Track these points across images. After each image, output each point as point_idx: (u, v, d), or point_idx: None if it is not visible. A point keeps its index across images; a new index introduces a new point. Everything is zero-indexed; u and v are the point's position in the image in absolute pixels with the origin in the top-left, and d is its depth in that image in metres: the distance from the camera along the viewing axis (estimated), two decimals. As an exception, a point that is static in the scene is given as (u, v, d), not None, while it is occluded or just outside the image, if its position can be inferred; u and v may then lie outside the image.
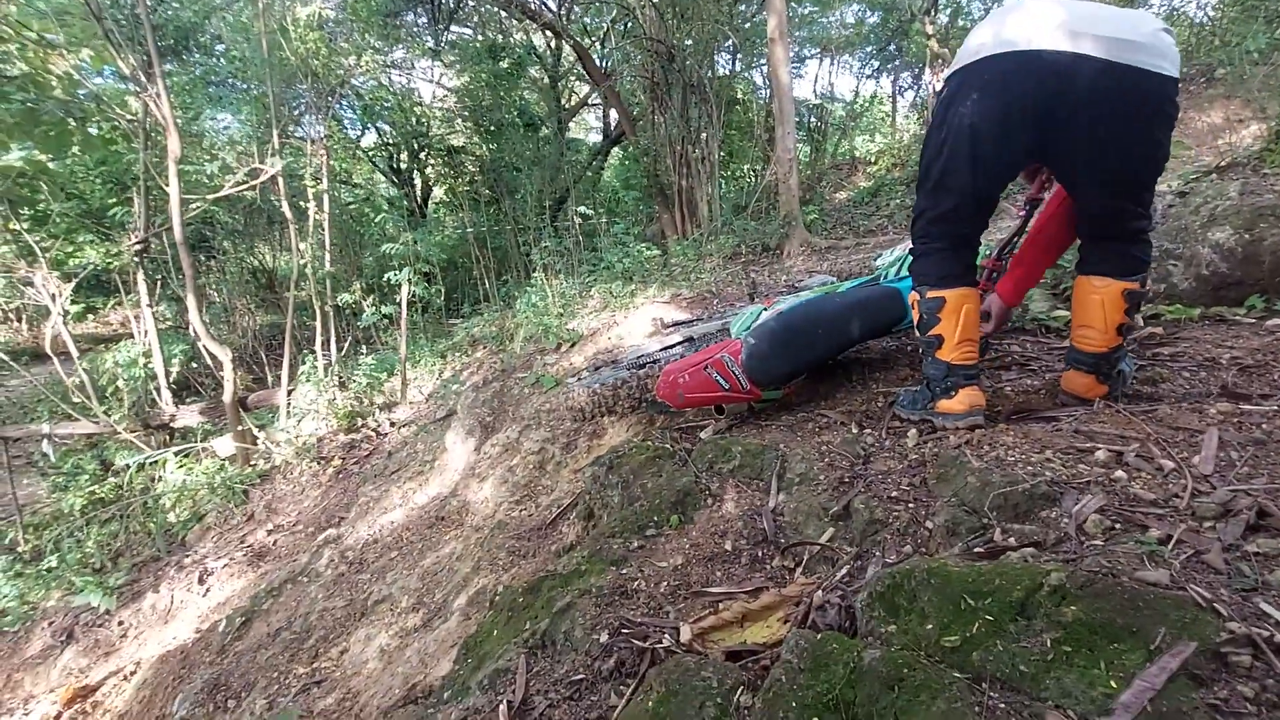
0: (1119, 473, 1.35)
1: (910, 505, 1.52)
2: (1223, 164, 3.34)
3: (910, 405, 1.92)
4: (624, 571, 1.71)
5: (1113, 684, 0.86)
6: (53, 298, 4.65)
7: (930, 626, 1.04)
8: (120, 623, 3.55)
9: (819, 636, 1.12)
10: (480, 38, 9.40)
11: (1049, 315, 2.59)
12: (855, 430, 1.95)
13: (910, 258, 1.89)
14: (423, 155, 10.04)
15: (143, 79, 4.55)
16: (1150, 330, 2.29)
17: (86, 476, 4.85)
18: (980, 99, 1.58)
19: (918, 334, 1.88)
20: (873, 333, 2.32)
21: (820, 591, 1.38)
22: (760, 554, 1.64)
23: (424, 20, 8.83)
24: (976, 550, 1.27)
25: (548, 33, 9.69)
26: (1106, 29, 1.47)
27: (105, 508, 4.57)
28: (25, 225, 4.72)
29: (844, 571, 1.44)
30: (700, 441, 2.13)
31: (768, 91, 9.43)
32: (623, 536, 1.86)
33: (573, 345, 3.96)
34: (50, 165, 5.60)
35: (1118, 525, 1.20)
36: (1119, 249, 1.70)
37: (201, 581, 3.63)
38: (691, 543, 1.71)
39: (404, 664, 2.13)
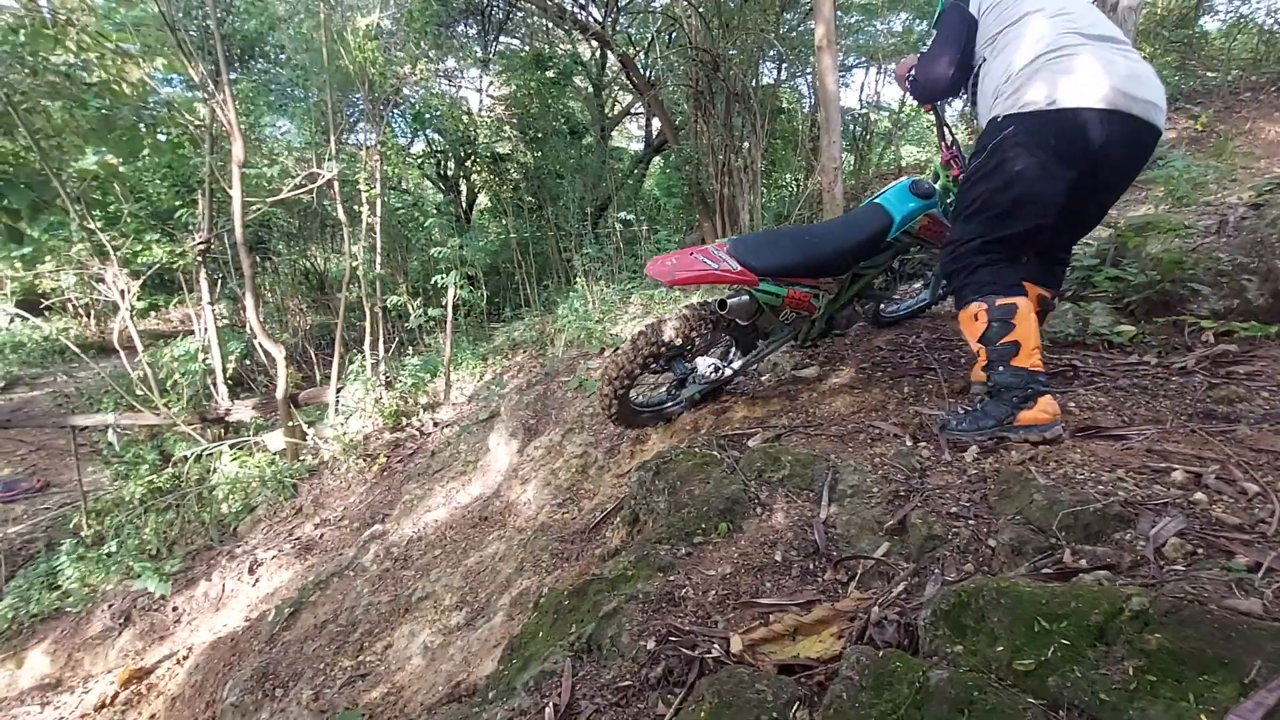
0: (1199, 495, 1.29)
1: (971, 522, 1.47)
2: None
3: (974, 424, 1.86)
4: (671, 578, 1.69)
5: (1203, 717, 0.81)
6: (121, 294, 4.88)
7: (1001, 648, 1.00)
8: (175, 608, 3.68)
9: (880, 654, 1.09)
10: (528, 48, 9.57)
11: (1113, 330, 2.49)
12: (910, 443, 1.90)
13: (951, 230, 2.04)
14: (469, 163, 10.24)
15: (211, 86, 4.76)
16: (1224, 348, 2.18)
17: (146, 466, 5.05)
18: (1038, 151, 1.80)
19: (984, 346, 1.88)
20: (861, 243, 2.51)
21: (877, 607, 1.35)
22: (811, 566, 1.61)
23: (474, 31, 9.03)
24: (1045, 571, 1.22)
25: (593, 42, 9.81)
26: (1144, 91, 1.73)
27: (163, 497, 4.76)
28: (99, 225, 4.96)
29: (901, 588, 1.40)
30: (749, 449, 2.11)
31: (813, 100, 9.37)
32: (669, 543, 1.84)
33: (615, 350, 3.97)
34: (121, 169, 5.90)
35: (1200, 550, 1.14)
36: (1054, 267, 2.11)
37: (251, 571, 3.74)
38: (740, 552, 1.69)
39: (448, 661, 2.15)
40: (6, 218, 6.14)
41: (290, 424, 5.22)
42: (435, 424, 5.03)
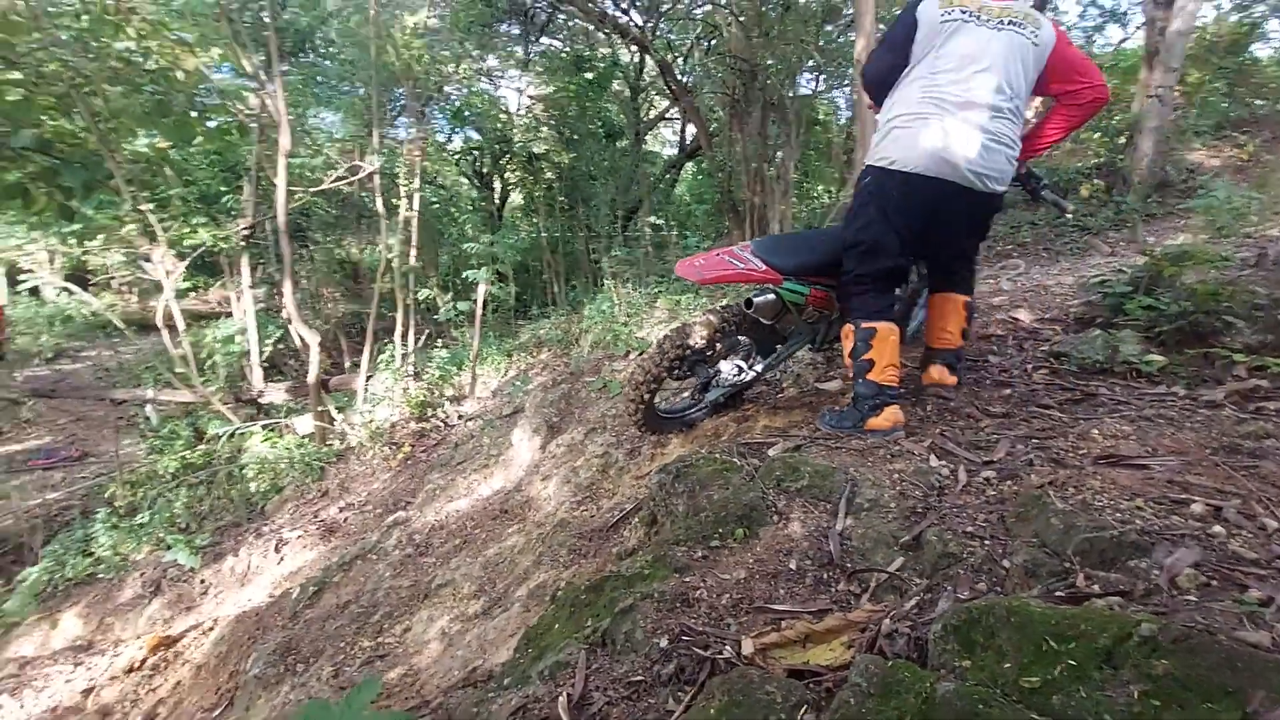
0: (1217, 528, 1.30)
1: (986, 542, 1.49)
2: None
3: (836, 422, 2.27)
4: (687, 579, 1.73)
5: (1205, 744, 0.83)
6: (167, 274, 5.06)
7: (1008, 665, 1.03)
8: (202, 581, 3.81)
9: (889, 663, 1.12)
10: (568, 49, 9.68)
11: (1142, 359, 2.47)
12: (930, 461, 1.92)
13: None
14: (504, 161, 10.39)
15: (263, 77, 4.93)
16: (1255, 383, 2.16)
17: (181, 442, 5.23)
18: (898, 200, 2.17)
19: (851, 360, 2.27)
20: None
21: (889, 620, 1.37)
22: (825, 576, 1.64)
23: (516, 31, 9.17)
24: (1057, 594, 1.24)
25: (633, 47, 9.89)
26: (971, 160, 2.06)
27: (195, 472, 4.92)
28: (149, 207, 5.15)
29: (913, 602, 1.42)
30: (769, 458, 2.14)
31: (850, 113, 9.34)
32: (686, 545, 1.88)
33: (641, 353, 4.03)
34: (171, 153, 6.11)
35: (1214, 582, 1.15)
36: (962, 277, 2.46)
37: (277, 550, 3.86)
38: (755, 558, 1.72)
39: (464, 647, 2.22)
40: (60, 195, 6.38)
41: (320, 409, 5.36)
42: (460, 416, 5.13)
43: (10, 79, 5.07)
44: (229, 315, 6.26)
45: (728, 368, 2.72)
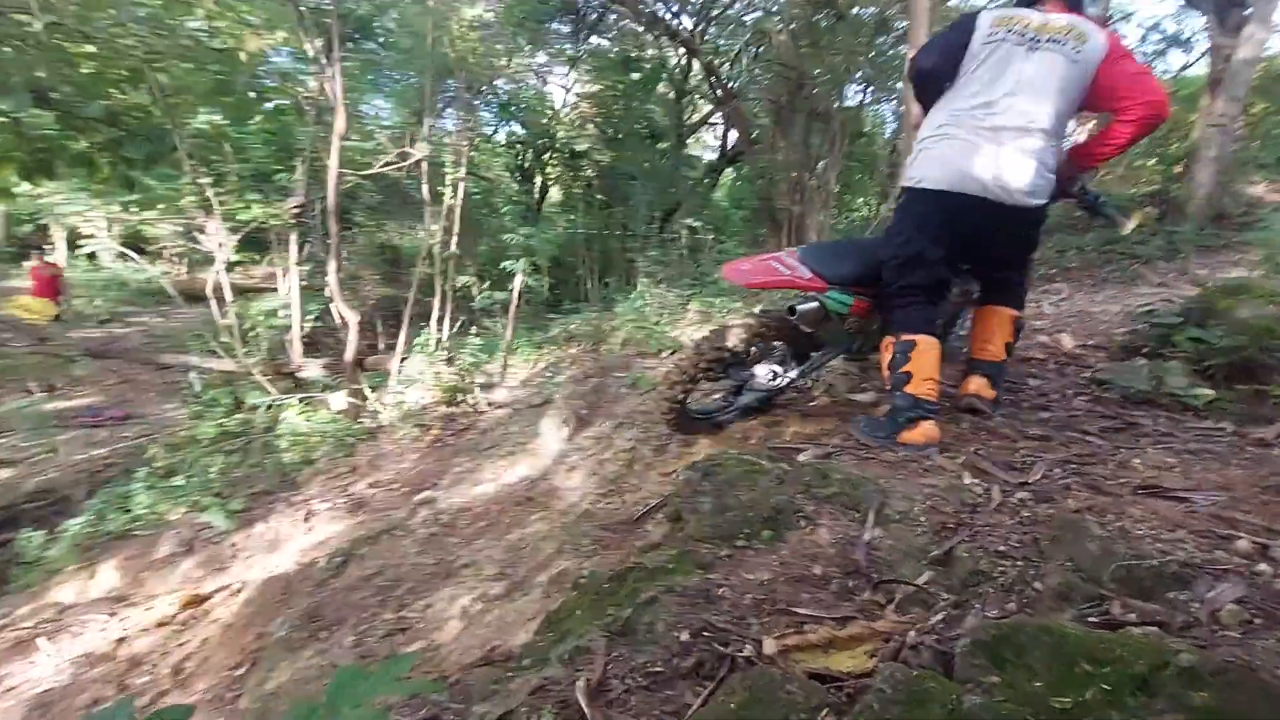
0: (1263, 565, 1.27)
1: (1019, 563, 1.47)
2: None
3: (871, 431, 2.27)
4: (710, 577, 1.74)
5: (1241, 778, 0.82)
6: (220, 246, 5.23)
7: (1039, 685, 1.02)
8: (233, 544, 3.93)
9: (915, 673, 1.12)
10: (617, 49, 9.75)
11: (1189, 392, 2.40)
12: (964, 479, 1.90)
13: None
14: (546, 155, 10.51)
15: (323, 61, 5.06)
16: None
17: (221, 409, 5.40)
18: (930, 216, 2.23)
19: (889, 372, 2.27)
20: None
21: (914, 632, 1.37)
22: (850, 585, 1.63)
23: (567, 29, 9.27)
24: (1091, 619, 1.22)
25: (681, 49, 9.92)
26: (999, 178, 2.10)
27: (232, 440, 5.07)
28: (207, 181, 5.33)
29: (940, 616, 1.41)
30: (798, 463, 2.14)
31: (897, 126, 9.23)
32: (711, 543, 1.89)
33: (672, 353, 4.04)
34: (229, 130, 6.31)
35: (1257, 620, 1.13)
36: (1010, 290, 2.46)
37: (306, 520, 3.96)
38: (781, 560, 1.73)
39: (484, 627, 2.26)
40: (124, 165, 6.64)
41: (354, 386, 5.49)
42: (490, 404, 5.21)
43: (85, 52, 5.30)
44: (273, 290, 6.44)
45: (762, 372, 2.72)
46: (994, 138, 2.12)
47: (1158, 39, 10.10)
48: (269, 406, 5.29)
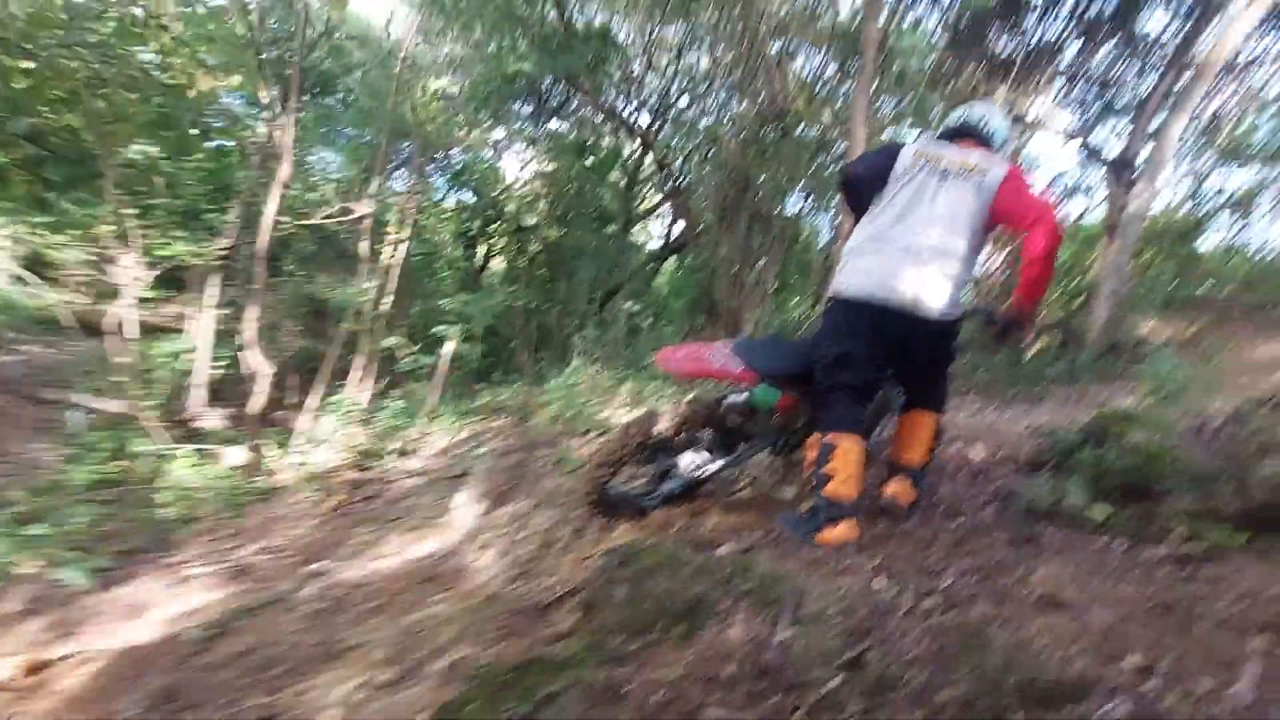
0: (1151, 682, 1.30)
1: (927, 670, 1.46)
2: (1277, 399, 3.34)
3: (794, 525, 2.34)
4: (618, 672, 1.65)
5: None
6: (133, 280, 4.91)
7: (943, 802, 0.99)
8: (91, 606, 3.46)
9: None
10: (575, 134, 10.16)
11: (1086, 506, 2.53)
12: (879, 581, 1.91)
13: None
14: (493, 226, 10.60)
15: (277, 109, 5.02)
16: (1192, 548, 2.23)
17: (101, 454, 4.89)
18: (855, 323, 2.36)
19: (812, 469, 2.34)
20: None
21: (823, 741, 1.32)
22: (762, 688, 1.57)
23: (529, 110, 9.63)
24: (994, 733, 1.21)
25: (636, 141, 10.45)
26: (895, 287, 2.27)
27: (109, 489, 4.57)
28: (131, 213, 5.06)
29: (849, 725, 1.37)
30: (718, 556, 2.10)
31: (832, 235, 9.88)
32: (623, 635, 1.81)
33: (601, 434, 3.99)
34: (163, 164, 6.09)
35: (1147, 740, 1.15)
36: (932, 395, 2.60)
37: (179, 585, 3.55)
38: (695, 656, 1.66)
39: (366, 719, 2.03)
40: (40, 185, 6.26)
41: (255, 442, 5.11)
42: (402, 472, 4.94)
43: (23, 67, 5.09)
44: (181, 332, 6.04)
45: (687, 460, 2.71)
46: (915, 258, 2.29)
47: (1062, 188, 11.31)
48: (155, 456, 4.83)
